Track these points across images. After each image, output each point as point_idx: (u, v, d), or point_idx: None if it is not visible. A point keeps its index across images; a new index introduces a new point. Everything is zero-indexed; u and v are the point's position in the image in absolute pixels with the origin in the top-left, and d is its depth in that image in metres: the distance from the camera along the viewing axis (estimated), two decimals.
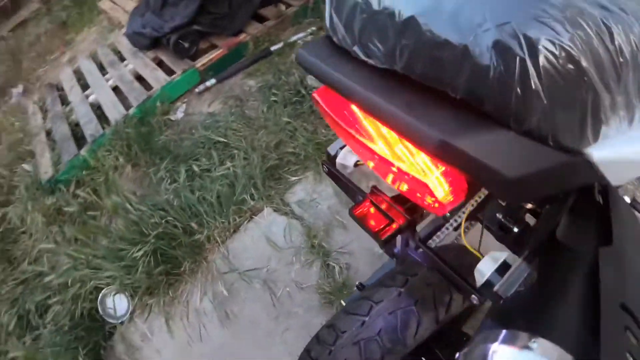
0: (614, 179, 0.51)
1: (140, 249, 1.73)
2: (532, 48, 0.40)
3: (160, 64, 2.71)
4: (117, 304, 1.83)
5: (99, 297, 1.83)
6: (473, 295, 0.65)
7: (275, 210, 1.84)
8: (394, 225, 0.71)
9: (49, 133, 2.67)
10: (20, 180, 2.49)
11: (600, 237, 0.58)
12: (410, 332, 0.76)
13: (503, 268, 0.63)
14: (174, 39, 2.46)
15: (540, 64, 0.40)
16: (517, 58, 0.40)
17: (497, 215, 0.87)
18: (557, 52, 0.40)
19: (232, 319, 1.65)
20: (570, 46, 0.40)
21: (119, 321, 1.81)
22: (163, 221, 1.79)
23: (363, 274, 1.57)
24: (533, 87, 0.41)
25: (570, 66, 0.41)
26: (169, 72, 2.59)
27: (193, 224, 1.80)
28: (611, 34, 0.42)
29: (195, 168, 2.02)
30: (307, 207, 1.81)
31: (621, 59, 0.43)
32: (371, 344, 0.75)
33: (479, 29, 0.43)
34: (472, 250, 0.74)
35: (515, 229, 0.76)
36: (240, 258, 1.78)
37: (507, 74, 0.41)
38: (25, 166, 2.58)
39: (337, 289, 1.57)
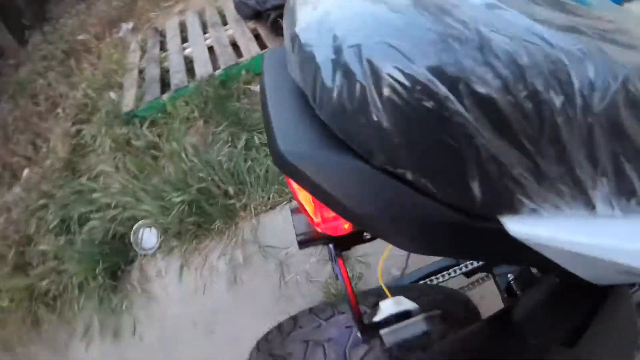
0: (577, 270, 0.45)
1: (180, 196, 1.92)
2: (376, 76, 0.36)
3: (257, 36, 2.92)
4: (146, 237, 2.04)
5: (134, 227, 2.05)
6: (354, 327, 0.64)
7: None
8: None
9: (141, 72, 2.98)
10: (103, 105, 2.81)
11: (563, 333, 0.55)
12: (357, 353, 0.73)
13: (402, 316, 0.61)
14: (273, 16, 2.66)
15: (384, 94, 0.36)
16: (358, 85, 0.37)
17: (508, 275, 0.83)
18: (408, 84, 0.35)
19: (238, 286, 1.79)
20: (430, 80, 0.34)
21: (144, 253, 2.03)
22: (209, 178, 1.97)
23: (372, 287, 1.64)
24: (375, 118, 0.37)
25: (431, 103, 0.35)
26: (263, 46, 2.79)
27: (234, 189, 1.96)
28: (531, 76, 0.35)
29: (256, 139, 2.18)
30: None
31: (549, 115, 0.35)
32: (317, 348, 0.75)
33: (329, 50, 0.39)
34: (385, 289, 0.72)
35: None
36: (266, 234, 1.91)
37: (349, 101, 0.38)
38: (112, 94, 2.90)
39: (342, 293, 1.65)
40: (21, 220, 2.37)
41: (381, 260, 0.72)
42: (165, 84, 2.75)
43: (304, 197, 0.50)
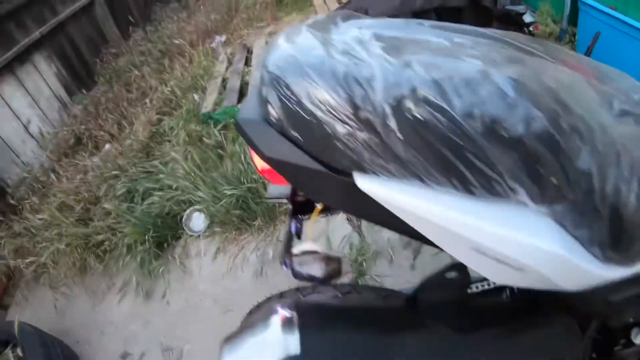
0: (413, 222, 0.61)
1: (231, 190, 2.30)
2: (274, 85, 0.62)
3: None
4: (195, 220, 2.44)
5: (188, 210, 2.46)
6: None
7: (348, 220, 2.25)
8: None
9: (224, 80, 3.50)
10: (185, 104, 3.32)
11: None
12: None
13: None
14: None
15: (276, 96, 0.62)
16: (263, 89, 0.65)
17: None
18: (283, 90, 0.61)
19: (262, 278, 2.11)
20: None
21: (190, 233, 2.41)
22: (260, 180, 2.34)
23: None
24: (274, 114, 0.63)
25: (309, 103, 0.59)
26: None
27: None
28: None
29: None
30: (373, 228, 2.14)
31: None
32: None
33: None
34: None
35: None
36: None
37: (261, 98, 0.66)
38: (195, 96, 3.42)
39: None
40: (94, 183, 2.85)
41: (312, 219, 0.88)
42: (242, 95, 3.22)
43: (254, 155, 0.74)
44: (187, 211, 2.46)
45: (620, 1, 2.15)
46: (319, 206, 0.81)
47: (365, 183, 0.59)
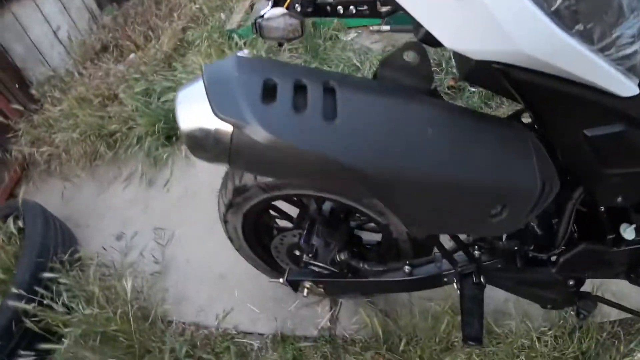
0: None
1: None
2: None
3: None
4: None
5: None
6: None
7: None
8: None
9: (251, 3, 3.62)
10: (212, 20, 3.47)
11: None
12: None
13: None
14: None
15: None
16: None
17: None
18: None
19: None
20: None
21: None
22: None
23: None
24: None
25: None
26: None
27: None
28: None
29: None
30: None
31: None
32: None
33: None
34: None
35: None
36: None
37: None
38: (222, 15, 3.56)
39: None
40: (114, 83, 3.05)
41: None
42: None
43: None
44: None
45: None
46: None
47: None
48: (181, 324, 1.92)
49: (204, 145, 0.75)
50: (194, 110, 0.74)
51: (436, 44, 0.78)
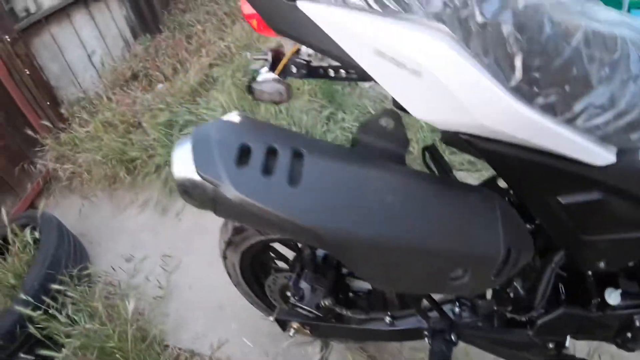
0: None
1: None
2: None
3: None
4: None
5: None
6: None
7: None
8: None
9: (277, 45, 3.85)
10: (238, 59, 3.70)
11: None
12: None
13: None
14: None
15: None
16: None
17: None
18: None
19: None
20: None
21: None
22: (290, 126, 2.64)
23: None
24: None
25: None
26: None
27: None
28: None
29: (339, 115, 2.81)
30: None
31: None
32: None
33: None
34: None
35: None
36: None
37: None
38: (248, 54, 3.79)
39: None
40: (139, 111, 3.25)
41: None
42: None
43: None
44: None
45: None
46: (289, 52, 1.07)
47: (303, 4, 0.79)
48: (177, 349, 2.03)
49: (192, 194, 0.88)
50: (185, 164, 0.87)
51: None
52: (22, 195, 3.10)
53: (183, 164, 0.87)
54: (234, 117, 0.95)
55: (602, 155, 0.72)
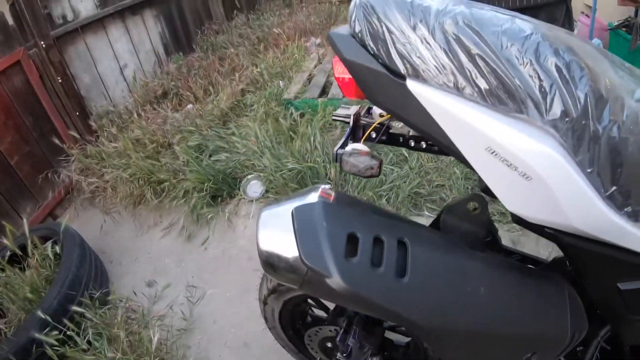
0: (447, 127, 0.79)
1: (293, 164, 2.60)
2: (362, 6, 0.85)
3: None
4: (254, 186, 2.76)
5: (249, 176, 2.78)
6: None
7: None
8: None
9: (310, 75, 3.88)
10: (270, 87, 3.72)
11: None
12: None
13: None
14: None
15: (362, 14, 0.85)
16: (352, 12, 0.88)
17: None
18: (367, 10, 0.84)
19: None
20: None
21: (245, 197, 2.73)
22: (322, 162, 2.63)
23: None
24: (357, 27, 0.85)
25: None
26: None
27: (335, 176, 2.59)
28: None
29: None
30: None
31: None
32: None
33: None
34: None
35: None
36: None
37: (350, 18, 0.89)
38: (281, 82, 3.82)
39: None
40: (170, 131, 3.26)
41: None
42: (325, 92, 3.58)
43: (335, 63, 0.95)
44: (249, 176, 2.78)
45: None
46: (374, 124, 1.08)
47: (413, 85, 0.81)
48: None
49: (278, 269, 0.88)
50: (276, 238, 0.87)
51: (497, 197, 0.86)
52: (42, 203, 3.09)
53: (274, 238, 0.88)
54: (328, 190, 0.96)
55: None
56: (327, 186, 1.00)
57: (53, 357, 1.88)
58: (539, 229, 0.88)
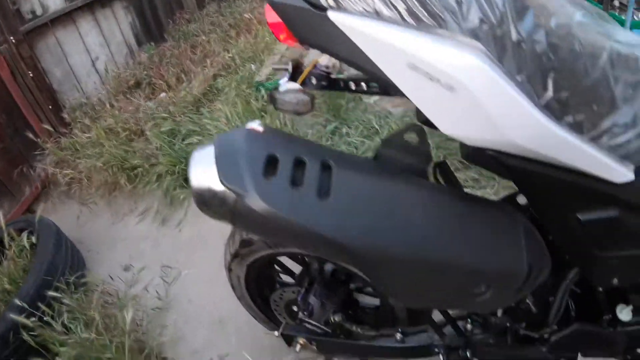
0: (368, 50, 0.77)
1: None
2: None
3: None
4: None
5: None
6: None
7: None
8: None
9: (282, 58, 3.88)
10: (242, 70, 3.72)
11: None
12: None
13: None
14: None
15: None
16: None
17: None
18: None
19: None
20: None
21: None
22: None
23: None
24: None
25: None
26: None
27: None
28: None
29: (344, 130, 2.81)
30: None
31: None
32: None
33: None
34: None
35: None
36: None
37: None
38: (252, 66, 3.82)
39: None
40: (142, 119, 3.26)
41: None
42: (296, 73, 3.57)
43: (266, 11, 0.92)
44: None
45: None
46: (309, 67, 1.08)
47: (335, 15, 0.79)
48: None
49: (210, 204, 0.87)
50: (205, 173, 0.85)
51: (435, 127, 0.83)
52: (20, 198, 3.09)
53: (202, 172, 0.86)
54: (256, 126, 0.94)
55: (621, 173, 0.75)
56: (257, 122, 0.96)
57: (30, 342, 1.89)
58: (487, 160, 0.84)
